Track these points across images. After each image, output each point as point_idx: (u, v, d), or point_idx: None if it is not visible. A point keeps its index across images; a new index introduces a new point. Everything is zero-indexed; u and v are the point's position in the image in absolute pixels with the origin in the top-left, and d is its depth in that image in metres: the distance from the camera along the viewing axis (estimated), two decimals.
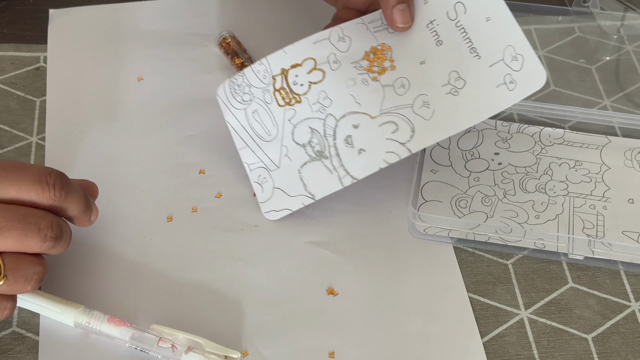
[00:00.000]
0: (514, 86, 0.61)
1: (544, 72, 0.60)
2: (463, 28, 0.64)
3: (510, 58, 0.61)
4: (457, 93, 0.63)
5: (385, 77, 0.65)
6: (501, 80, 0.61)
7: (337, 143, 0.64)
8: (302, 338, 0.60)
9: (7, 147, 0.71)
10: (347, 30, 0.67)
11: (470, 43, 0.63)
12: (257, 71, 0.66)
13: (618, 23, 0.82)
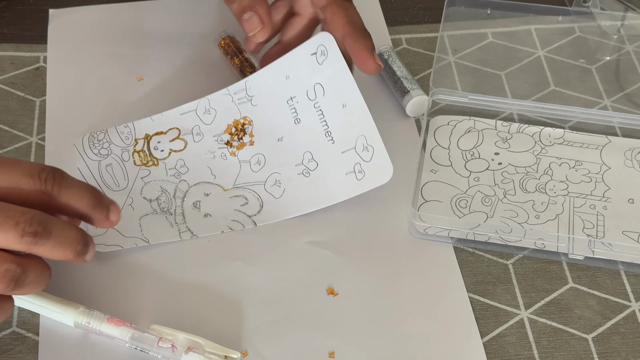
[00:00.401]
0: (362, 176, 0.65)
1: (391, 168, 0.64)
2: (321, 110, 0.67)
3: (362, 147, 0.65)
4: (309, 175, 0.66)
5: (243, 152, 0.68)
6: (351, 169, 0.66)
7: (185, 205, 0.66)
8: (302, 338, 0.60)
9: (7, 147, 0.71)
10: (214, 102, 0.69)
11: (326, 126, 0.67)
12: (121, 132, 0.69)
13: (618, 23, 0.82)
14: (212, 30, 0.79)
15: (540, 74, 0.78)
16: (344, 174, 0.66)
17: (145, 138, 0.69)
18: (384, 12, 0.83)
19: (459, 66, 0.79)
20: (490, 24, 0.82)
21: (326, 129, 0.67)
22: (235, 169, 0.68)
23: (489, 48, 0.80)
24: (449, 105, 0.74)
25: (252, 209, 0.66)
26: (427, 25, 0.82)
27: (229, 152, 0.68)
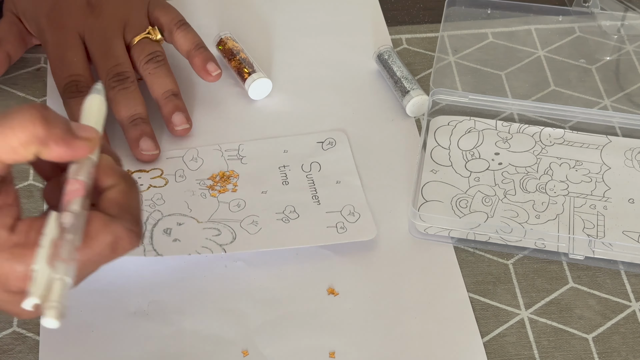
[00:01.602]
0: (344, 231, 0.65)
1: (375, 230, 0.65)
2: (312, 181, 0.68)
3: (348, 212, 0.66)
4: (288, 221, 0.65)
5: (224, 195, 0.67)
6: (333, 225, 0.65)
7: (155, 230, 0.64)
8: (302, 338, 0.60)
9: None
10: (202, 152, 0.70)
11: (314, 192, 0.67)
12: None
13: (618, 23, 0.82)
14: (211, 30, 0.78)
15: (540, 74, 0.78)
16: (324, 227, 0.65)
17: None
18: (384, 12, 0.83)
19: (459, 66, 0.79)
20: (490, 24, 0.82)
21: (314, 193, 0.67)
22: (213, 207, 0.66)
23: (489, 48, 0.80)
24: (449, 105, 0.74)
25: (224, 239, 0.64)
26: (427, 25, 0.82)
27: (210, 193, 0.67)
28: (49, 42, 0.69)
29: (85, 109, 0.52)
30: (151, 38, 0.71)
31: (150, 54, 0.70)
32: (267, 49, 0.79)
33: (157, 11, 0.72)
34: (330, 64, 0.78)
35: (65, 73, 0.68)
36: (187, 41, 0.71)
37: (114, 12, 0.70)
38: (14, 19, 0.72)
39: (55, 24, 0.69)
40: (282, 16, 0.82)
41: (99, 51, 0.69)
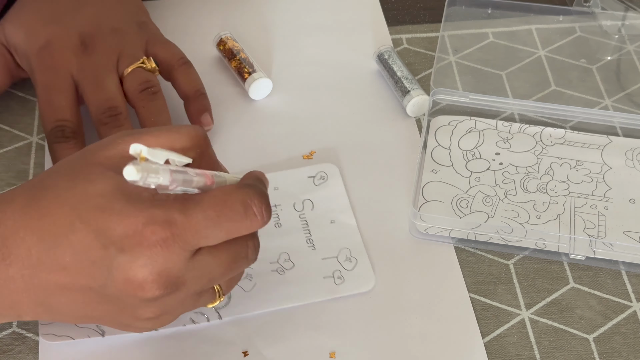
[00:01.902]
0: (341, 282, 0.63)
1: (373, 279, 0.63)
2: (305, 221, 0.66)
3: (345, 258, 0.64)
4: (283, 273, 0.63)
5: None
6: (330, 274, 0.63)
7: None
8: (302, 338, 0.60)
9: (7, 146, 0.70)
10: None
11: (308, 234, 0.65)
12: None
13: (619, 23, 0.82)
14: (211, 30, 0.78)
15: (541, 73, 0.78)
16: (321, 277, 0.63)
17: None
18: (384, 12, 0.83)
19: (459, 66, 0.78)
20: (491, 23, 0.82)
21: (308, 236, 0.65)
22: None
23: (489, 48, 0.80)
24: (449, 105, 0.74)
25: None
26: (427, 25, 0.82)
27: None
28: (38, 83, 0.67)
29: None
30: (145, 67, 0.68)
31: (143, 83, 0.67)
32: (267, 49, 0.79)
33: (157, 47, 0.70)
34: (330, 64, 0.78)
35: (52, 117, 0.65)
36: (188, 84, 0.69)
37: (108, 49, 0.68)
38: (2, 50, 0.70)
39: (45, 64, 0.67)
40: (282, 16, 0.82)
41: (90, 86, 0.66)
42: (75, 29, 0.68)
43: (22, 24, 0.69)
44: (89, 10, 0.69)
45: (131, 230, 0.49)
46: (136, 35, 0.69)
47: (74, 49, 0.67)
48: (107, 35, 0.68)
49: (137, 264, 0.49)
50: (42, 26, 0.68)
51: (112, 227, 0.49)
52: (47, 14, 0.69)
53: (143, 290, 0.50)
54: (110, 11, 0.70)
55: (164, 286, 0.50)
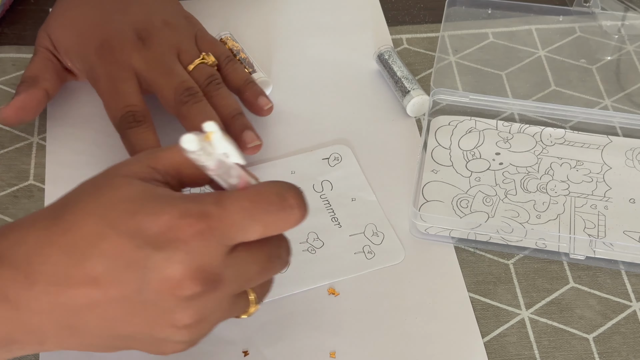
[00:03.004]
0: (372, 256, 0.64)
1: (403, 251, 0.64)
2: (327, 200, 0.67)
3: (371, 233, 0.65)
4: (315, 252, 0.64)
5: None
6: (360, 249, 0.64)
7: None
8: (303, 338, 0.60)
9: (8, 147, 0.71)
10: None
11: (332, 213, 0.66)
12: None
13: (619, 23, 0.82)
14: (210, 30, 0.78)
15: (541, 73, 0.78)
16: (352, 253, 0.64)
17: None
18: (384, 12, 0.83)
19: (459, 66, 0.78)
20: (491, 23, 0.82)
21: (332, 215, 0.66)
22: None
23: (489, 48, 0.80)
24: (449, 105, 0.74)
25: None
26: (427, 25, 0.82)
27: None
28: (101, 77, 0.68)
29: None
30: (206, 63, 0.70)
31: (209, 77, 0.69)
32: (267, 49, 0.79)
33: (205, 45, 0.72)
34: (330, 64, 0.78)
35: (121, 104, 0.66)
36: (237, 77, 0.71)
37: (166, 41, 0.69)
38: (48, 55, 0.71)
39: (106, 59, 0.68)
40: (282, 16, 0.82)
41: (160, 75, 0.68)
42: (129, 26, 0.69)
43: (73, 28, 0.70)
44: (136, 8, 0.71)
45: (166, 227, 0.47)
46: (187, 29, 0.72)
47: (133, 44, 0.68)
48: (161, 29, 0.70)
49: (174, 260, 0.47)
50: (95, 27, 0.69)
51: (146, 227, 0.47)
52: (97, 16, 0.70)
53: (181, 287, 0.47)
54: (157, 7, 0.72)
55: (203, 282, 0.47)
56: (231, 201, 0.48)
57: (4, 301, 0.48)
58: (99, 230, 0.47)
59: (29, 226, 0.49)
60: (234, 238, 0.48)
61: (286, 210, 0.49)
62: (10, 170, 0.69)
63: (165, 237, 0.47)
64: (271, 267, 0.52)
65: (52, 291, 0.47)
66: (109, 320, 0.48)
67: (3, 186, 0.68)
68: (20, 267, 0.48)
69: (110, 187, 0.49)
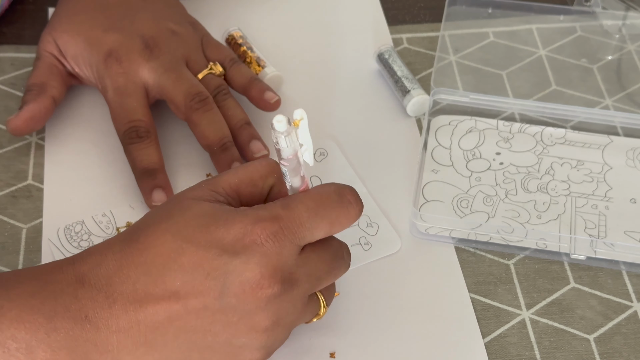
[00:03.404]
0: (369, 247, 0.64)
1: (399, 240, 0.65)
2: None
3: (366, 224, 0.65)
4: None
5: None
6: (356, 241, 0.65)
7: None
8: (302, 338, 0.60)
9: (6, 147, 0.70)
10: None
11: None
12: (100, 222, 0.65)
13: (620, 22, 0.82)
14: (211, 29, 0.78)
15: (541, 73, 0.78)
16: (349, 245, 0.63)
17: (127, 226, 0.65)
18: (384, 12, 0.83)
19: (460, 66, 0.78)
20: (491, 23, 0.82)
21: None
22: None
23: (490, 47, 0.80)
24: (450, 104, 0.74)
25: None
26: (428, 25, 0.82)
27: None
28: (109, 88, 0.68)
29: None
30: (214, 73, 0.71)
31: (216, 88, 0.69)
32: (267, 48, 0.79)
33: (210, 50, 0.72)
34: (330, 64, 0.78)
35: (125, 119, 0.67)
36: (242, 77, 0.71)
37: (174, 49, 0.70)
38: (53, 60, 0.71)
39: (114, 70, 0.68)
40: (282, 16, 0.82)
41: (170, 82, 0.68)
42: (136, 34, 0.70)
43: (80, 34, 0.70)
44: (143, 15, 0.71)
45: (241, 234, 0.50)
46: (193, 36, 0.72)
47: (140, 53, 0.69)
48: (168, 37, 0.70)
49: (252, 262, 0.50)
50: (102, 34, 0.70)
51: (222, 237, 0.50)
52: (104, 22, 0.70)
53: (261, 287, 0.50)
54: (163, 14, 0.72)
55: (281, 281, 0.50)
56: (297, 203, 0.52)
57: (83, 321, 0.49)
58: (176, 246, 0.50)
59: (106, 250, 0.51)
60: (304, 237, 0.52)
61: (346, 206, 0.53)
62: (9, 170, 0.69)
63: (241, 243, 0.50)
64: (337, 266, 0.55)
65: (131, 309, 0.49)
66: (188, 332, 0.50)
67: (2, 186, 0.68)
68: (100, 288, 0.50)
69: (180, 208, 0.52)
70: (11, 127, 0.68)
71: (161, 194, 0.65)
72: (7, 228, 0.65)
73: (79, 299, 0.49)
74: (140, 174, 0.66)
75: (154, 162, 0.66)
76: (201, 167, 0.69)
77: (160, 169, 0.66)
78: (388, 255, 0.64)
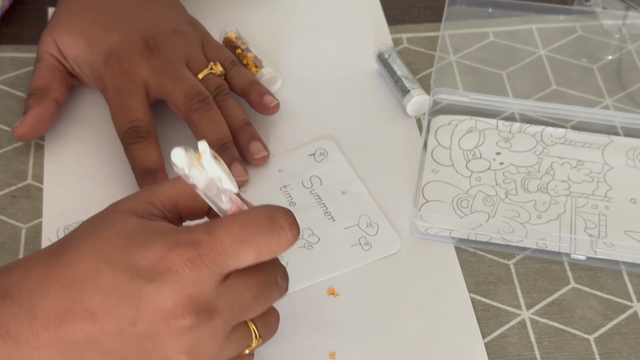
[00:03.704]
0: (369, 248, 0.64)
1: (399, 240, 0.65)
2: (318, 195, 0.67)
3: (366, 224, 0.65)
4: (311, 247, 0.64)
5: None
6: (356, 241, 0.64)
7: None
8: (302, 338, 0.60)
9: (6, 146, 0.70)
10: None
11: (324, 208, 0.66)
12: None
13: (620, 22, 0.82)
14: (211, 29, 0.78)
15: (541, 73, 0.78)
16: (349, 246, 0.64)
17: None
18: (384, 11, 0.83)
19: (460, 65, 0.78)
20: (491, 23, 0.82)
21: (325, 209, 0.67)
22: None
23: (490, 47, 0.80)
24: (450, 104, 0.74)
25: None
26: (428, 25, 0.82)
27: None
28: (109, 88, 0.68)
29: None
30: (214, 73, 0.70)
31: (217, 88, 0.69)
32: (266, 48, 0.78)
33: (210, 51, 0.72)
34: (330, 64, 0.78)
35: (125, 119, 0.67)
36: (241, 80, 0.71)
37: (175, 50, 0.70)
38: (54, 62, 0.71)
39: (115, 70, 0.68)
40: (282, 16, 0.82)
41: (170, 82, 0.68)
42: (137, 34, 0.70)
43: (80, 34, 0.70)
44: (144, 15, 0.71)
45: (157, 258, 0.48)
46: (194, 37, 0.72)
47: (141, 53, 0.69)
48: (169, 37, 0.70)
49: (165, 290, 0.47)
50: (103, 34, 0.70)
51: (138, 260, 0.48)
52: (105, 23, 0.70)
53: (174, 316, 0.47)
54: (164, 14, 0.72)
55: (196, 311, 0.48)
56: (219, 228, 0.48)
57: (5, 337, 0.48)
58: (94, 265, 0.48)
59: (33, 263, 0.50)
60: (225, 265, 0.48)
61: (277, 232, 0.49)
62: (9, 170, 0.69)
63: (156, 268, 0.47)
64: (267, 292, 0.51)
65: (51, 326, 0.48)
66: (105, 355, 0.49)
67: (1, 186, 0.68)
68: (22, 303, 0.48)
69: (107, 223, 0.50)
70: (18, 134, 0.68)
71: None
72: (7, 228, 0.65)
73: (1, 314, 0.48)
74: (141, 174, 0.66)
75: (155, 162, 0.66)
76: None
77: (161, 169, 0.66)
78: (388, 256, 0.64)
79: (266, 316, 0.53)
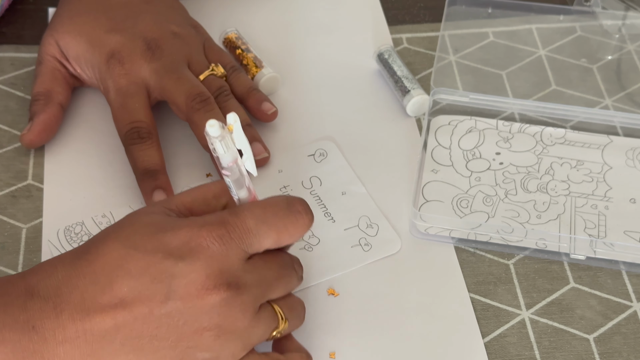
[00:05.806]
0: (369, 248, 0.64)
1: (399, 241, 0.65)
2: (318, 196, 0.67)
3: (366, 225, 0.65)
4: (312, 249, 0.64)
5: None
6: (356, 242, 0.65)
7: None
8: (302, 338, 0.60)
9: (6, 146, 0.70)
10: None
11: (324, 209, 0.66)
12: (100, 223, 0.65)
13: (619, 22, 0.82)
14: (211, 29, 0.78)
15: (541, 73, 0.78)
16: (349, 246, 0.64)
17: None
18: (384, 12, 0.83)
19: (460, 65, 0.78)
20: (491, 23, 0.82)
21: (325, 210, 0.67)
22: None
23: (490, 47, 0.80)
24: (449, 104, 0.74)
25: None
26: (428, 25, 0.82)
27: None
28: (110, 89, 0.69)
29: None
30: (216, 74, 0.71)
31: (218, 89, 0.70)
32: (267, 48, 0.79)
33: (211, 55, 0.72)
34: (330, 64, 0.78)
35: (127, 120, 0.67)
36: (240, 86, 0.72)
37: (176, 51, 0.70)
38: (56, 64, 0.71)
39: (116, 71, 0.68)
40: (282, 16, 0.82)
41: (171, 82, 0.68)
42: (139, 36, 0.70)
43: (82, 35, 0.70)
44: (146, 17, 0.71)
45: (188, 237, 0.50)
46: (195, 39, 0.72)
47: (142, 55, 0.69)
48: (170, 39, 0.70)
49: (197, 265, 0.49)
50: (105, 35, 0.70)
51: (169, 242, 0.50)
52: (107, 23, 0.70)
53: (207, 288, 0.49)
54: (166, 16, 0.72)
55: (227, 284, 0.50)
56: (243, 210, 0.52)
57: (31, 332, 0.49)
58: (123, 253, 0.50)
59: (57, 262, 0.51)
60: (250, 244, 0.51)
61: (294, 215, 0.53)
62: (9, 170, 0.69)
63: (187, 246, 0.50)
64: (287, 274, 0.54)
65: (78, 318, 0.49)
66: (134, 339, 0.49)
67: (1, 186, 0.68)
68: (49, 298, 0.49)
69: (131, 221, 0.52)
70: (26, 141, 0.68)
71: (162, 195, 0.65)
72: (7, 228, 0.65)
73: (27, 310, 0.49)
74: (141, 175, 0.66)
75: (155, 163, 0.66)
76: (201, 167, 0.69)
77: (161, 170, 0.66)
78: (388, 256, 0.64)
79: (289, 301, 0.55)
